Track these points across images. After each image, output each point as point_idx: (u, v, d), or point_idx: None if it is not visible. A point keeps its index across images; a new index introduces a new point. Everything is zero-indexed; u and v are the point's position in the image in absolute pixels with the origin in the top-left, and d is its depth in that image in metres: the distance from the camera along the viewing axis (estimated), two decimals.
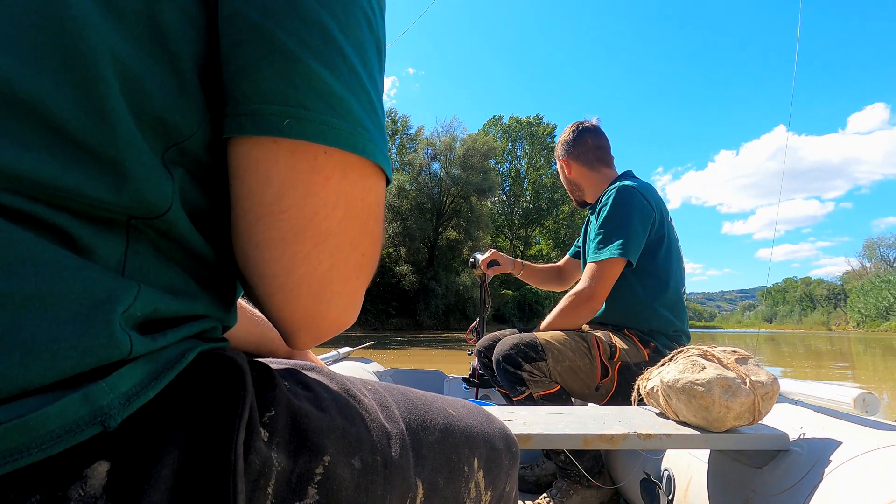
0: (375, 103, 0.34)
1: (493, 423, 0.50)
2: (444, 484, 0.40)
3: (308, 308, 0.34)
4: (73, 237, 0.25)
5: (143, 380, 0.25)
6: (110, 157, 0.26)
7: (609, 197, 1.52)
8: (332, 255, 0.33)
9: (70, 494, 0.22)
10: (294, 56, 0.29)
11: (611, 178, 1.66)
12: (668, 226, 1.55)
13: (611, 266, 1.45)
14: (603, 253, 1.46)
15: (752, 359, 0.86)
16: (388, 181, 0.36)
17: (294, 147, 0.30)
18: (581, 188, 1.73)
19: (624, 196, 1.49)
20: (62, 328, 0.23)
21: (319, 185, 0.31)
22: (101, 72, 0.26)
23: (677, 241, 1.59)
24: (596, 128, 1.71)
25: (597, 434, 0.80)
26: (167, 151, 0.29)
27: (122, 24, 0.27)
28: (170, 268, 0.30)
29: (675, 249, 1.56)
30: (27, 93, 0.25)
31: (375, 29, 0.34)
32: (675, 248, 1.56)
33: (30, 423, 0.21)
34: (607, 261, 1.45)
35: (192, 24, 0.30)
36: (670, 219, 1.59)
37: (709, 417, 0.80)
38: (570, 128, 1.74)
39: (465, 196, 30.60)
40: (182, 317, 0.29)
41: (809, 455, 0.79)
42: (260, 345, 0.59)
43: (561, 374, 1.38)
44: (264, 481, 0.28)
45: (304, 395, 0.34)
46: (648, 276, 1.49)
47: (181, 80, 0.29)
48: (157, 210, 0.28)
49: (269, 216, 0.31)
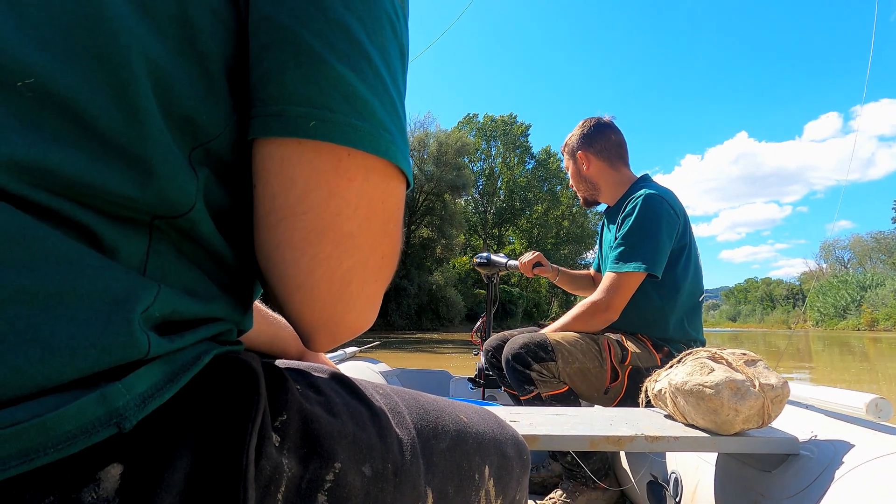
0: (398, 106, 0.34)
1: (504, 430, 0.50)
2: (455, 492, 0.40)
3: (327, 309, 0.34)
4: (97, 235, 0.26)
5: (159, 382, 0.25)
6: (138, 155, 0.27)
7: (635, 206, 1.46)
8: (352, 256, 0.33)
9: (83, 497, 0.22)
10: (321, 59, 0.30)
11: (630, 180, 1.61)
12: (689, 234, 1.52)
13: (631, 279, 1.42)
14: (626, 266, 1.42)
15: (762, 361, 0.86)
16: (409, 185, 0.36)
17: (318, 148, 0.30)
18: (598, 187, 1.64)
19: (652, 206, 1.44)
20: (82, 326, 0.23)
21: (342, 187, 0.31)
22: (134, 71, 0.26)
23: (696, 248, 1.55)
24: (615, 125, 1.65)
25: (603, 436, 0.80)
26: (194, 151, 0.30)
27: (155, 25, 0.28)
28: (190, 269, 0.30)
29: (694, 257, 1.52)
30: (59, 88, 0.25)
31: (399, 34, 0.34)
32: (694, 256, 1.53)
33: (47, 422, 0.21)
34: (628, 274, 1.42)
35: (223, 26, 0.30)
36: (690, 225, 1.55)
37: (717, 420, 0.80)
38: (589, 122, 1.65)
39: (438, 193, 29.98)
40: (200, 319, 0.29)
41: (820, 459, 0.78)
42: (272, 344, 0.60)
43: (570, 375, 1.37)
44: (275, 487, 0.28)
45: (315, 399, 0.34)
46: (666, 286, 1.46)
47: (210, 80, 0.30)
48: (181, 209, 0.29)
49: (292, 217, 0.31)
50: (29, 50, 0.25)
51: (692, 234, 1.54)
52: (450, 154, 30.36)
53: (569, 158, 1.69)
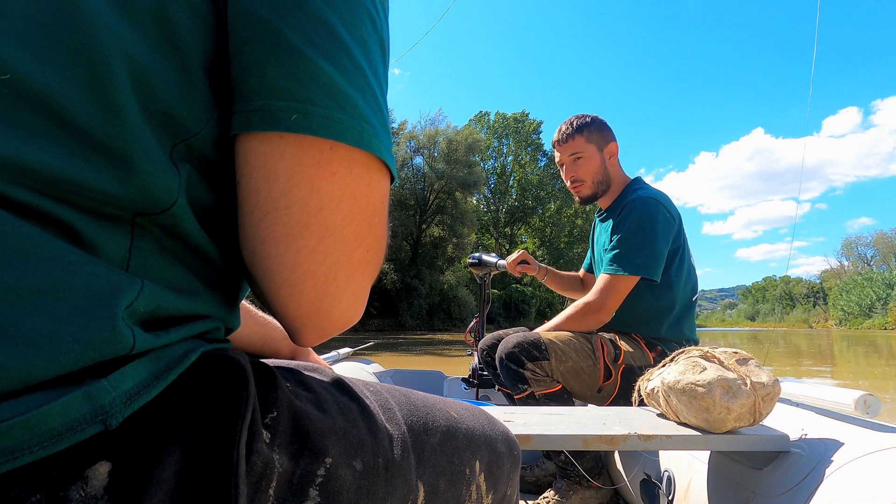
0: (380, 101, 0.34)
1: (495, 426, 0.50)
2: (446, 486, 0.40)
3: (313, 303, 0.34)
4: (77, 232, 0.26)
5: (146, 379, 0.25)
6: (118, 151, 0.27)
7: (632, 209, 1.46)
8: (336, 250, 0.33)
9: (71, 494, 0.22)
10: (301, 53, 0.30)
11: (625, 182, 1.61)
12: (683, 235, 1.52)
13: (625, 282, 1.43)
14: (621, 269, 1.42)
15: (753, 360, 0.86)
16: (393, 178, 0.36)
17: (300, 142, 0.30)
18: (610, 183, 1.59)
19: (650, 210, 1.44)
20: (65, 321, 0.23)
21: (325, 180, 0.31)
22: (113, 67, 0.26)
23: (689, 248, 1.55)
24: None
25: (597, 435, 0.80)
26: (175, 147, 0.30)
27: (133, 21, 0.28)
28: (174, 265, 0.30)
29: (687, 257, 1.53)
30: (37, 85, 0.25)
31: (379, 28, 0.34)
32: (687, 256, 1.53)
33: (31, 420, 0.21)
34: (624, 277, 1.42)
35: (202, 22, 0.30)
36: (683, 226, 1.55)
37: (709, 418, 0.80)
38: (595, 116, 1.59)
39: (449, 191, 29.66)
40: (185, 315, 0.29)
41: (810, 456, 0.79)
42: (264, 345, 0.59)
43: (563, 374, 1.37)
44: (266, 483, 0.28)
45: (305, 397, 0.34)
46: (660, 286, 1.47)
47: (190, 76, 0.30)
48: (163, 205, 0.28)
49: (275, 211, 0.31)
50: (5, 46, 0.25)
51: (685, 234, 1.55)
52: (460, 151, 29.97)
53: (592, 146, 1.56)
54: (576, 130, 1.57)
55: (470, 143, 30.71)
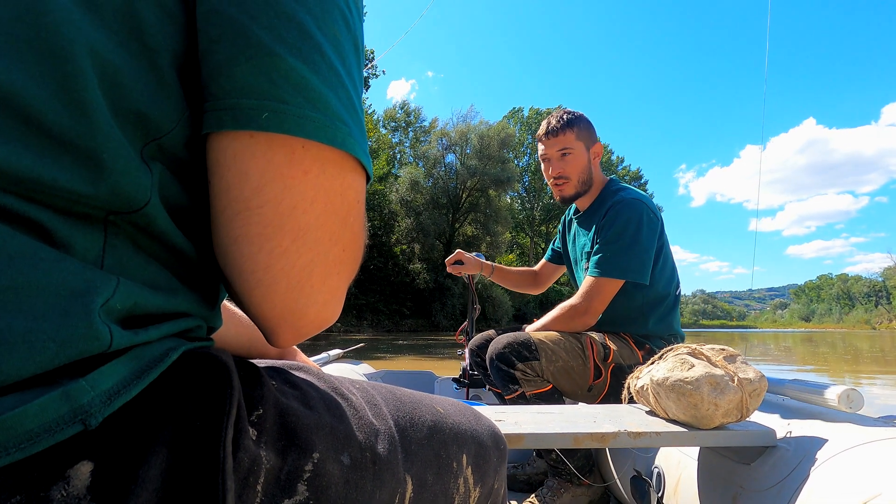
0: (354, 100, 0.34)
1: (481, 421, 0.51)
2: (434, 479, 0.40)
3: (287, 304, 0.33)
4: (48, 231, 0.25)
5: (125, 378, 0.25)
6: (88, 150, 0.26)
7: (616, 212, 1.45)
8: (311, 249, 0.32)
9: (52, 495, 0.21)
10: (271, 51, 0.30)
11: (603, 183, 1.59)
12: (664, 233, 1.52)
13: (611, 285, 1.43)
14: (607, 272, 1.42)
15: (740, 356, 0.87)
16: (369, 178, 0.36)
17: (271, 140, 0.30)
18: (591, 183, 1.57)
19: (636, 212, 1.43)
20: (39, 320, 0.22)
21: (297, 179, 0.31)
22: (80, 65, 0.26)
23: (668, 244, 1.56)
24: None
25: (587, 433, 0.81)
26: (146, 147, 0.29)
27: (100, 19, 0.27)
28: (150, 263, 0.30)
29: (668, 253, 1.54)
30: (2, 84, 0.25)
31: (352, 28, 0.34)
32: (668, 252, 1.54)
33: (8, 421, 0.21)
34: (609, 280, 1.42)
35: (171, 20, 0.30)
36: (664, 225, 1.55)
37: (697, 415, 0.81)
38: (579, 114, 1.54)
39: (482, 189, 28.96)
40: (164, 313, 0.29)
41: (796, 451, 0.80)
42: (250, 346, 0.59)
43: (554, 374, 1.38)
44: (254, 479, 0.27)
45: (291, 394, 0.34)
46: (647, 287, 1.47)
47: (159, 75, 0.29)
48: (136, 204, 0.28)
49: (247, 211, 0.31)
50: None
51: (665, 232, 1.55)
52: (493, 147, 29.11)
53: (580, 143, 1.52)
54: (566, 125, 1.51)
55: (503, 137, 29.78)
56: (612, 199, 1.52)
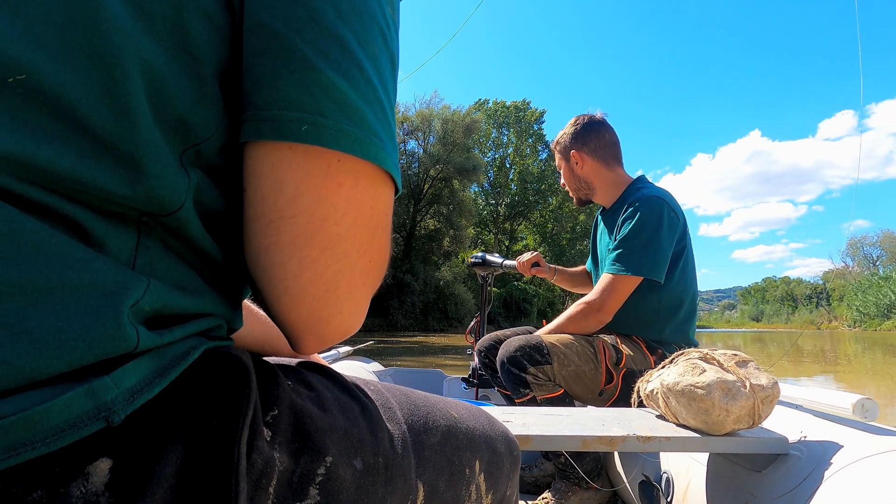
0: (388, 114, 0.35)
1: (495, 426, 0.50)
2: (445, 486, 0.40)
3: (314, 312, 0.34)
4: (85, 229, 0.26)
5: (148, 376, 0.25)
6: (129, 153, 0.27)
7: (636, 208, 1.45)
8: (339, 260, 0.33)
9: (72, 491, 0.22)
10: (313, 66, 0.30)
11: (626, 181, 1.59)
12: (688, 236, 1.51)
13: (627, 283, 1.42)
14: (623, 269, 1.41)
15: (752, 362, 0.86)
16: (398, 190, 0.37)
17: (309, 152, 0.31)
18: (592, 186, 1.61)
19: (654, 209, 1.43)
20: (70, 319, 0.23)
21: (331, 191, 0.32)
22: (128, 71, 0.27)
23: (692, 250, 1.54)
24: (608, 123, 1.62)
25: (596, 436, 0.80)
26: (185, 152, 0.30)
27: (150, 27, 0.28)
28: (179, 264, 0.30)
29: (690, 259, 1.52)
30: (51, 86, 0.25)
31: (390, 43, 0.35)
32: (690, 258, 1.52)
33: (34, 416, 0.21)
34: (626, 277, 1.41)
35: (217, 31, 0.31)
36: (688, 227, 1.54)
37: (708, 420, 0.80)
38: (581, 119, 1.61)
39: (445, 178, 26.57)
40: (189, 314, 0.30)
41: (809, 459, 0.79)
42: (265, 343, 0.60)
43: (565, 378, 1.37)
44: (266, 481, 0.28)
45: (306, 395, 0.34)
46: (663, 289, 1.46)
47: (202, 83, 0.30)
48: (170, 207, 0.29)
49: (280, 220, 0.31)
50: (22, 48, 0.25)
51: (689, 235, 1.53)
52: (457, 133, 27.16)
53: (561, 157, 1.65)
54: (553, 149, 1.69)
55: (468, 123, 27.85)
56: (634, 196, 1.51)
